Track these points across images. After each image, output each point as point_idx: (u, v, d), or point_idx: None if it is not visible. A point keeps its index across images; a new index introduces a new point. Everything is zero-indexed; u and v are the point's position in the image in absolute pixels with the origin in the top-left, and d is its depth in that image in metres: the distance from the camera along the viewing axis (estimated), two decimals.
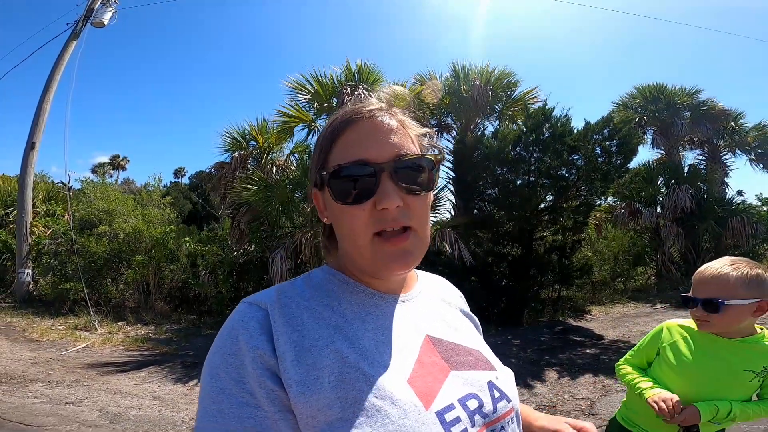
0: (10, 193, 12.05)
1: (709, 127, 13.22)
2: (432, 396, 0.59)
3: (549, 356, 5.95)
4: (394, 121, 0.64)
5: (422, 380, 0.60)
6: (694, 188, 11.44)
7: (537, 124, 7.52)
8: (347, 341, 0.60)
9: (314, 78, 7.75)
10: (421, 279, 0.80)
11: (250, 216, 8.11)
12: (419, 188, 0.63)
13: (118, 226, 9.90)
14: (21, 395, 4.25)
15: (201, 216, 19.22)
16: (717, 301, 1.33)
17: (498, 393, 0.66)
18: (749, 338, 1.40)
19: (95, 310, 8.17)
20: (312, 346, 0.58)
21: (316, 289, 0.66)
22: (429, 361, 0.64)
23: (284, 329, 0.58)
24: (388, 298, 0.69)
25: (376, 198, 0.60)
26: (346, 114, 0.65)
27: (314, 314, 0.62)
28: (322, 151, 0.66)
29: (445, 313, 0.76)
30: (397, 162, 0.61)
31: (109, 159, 49.23)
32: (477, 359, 0.70)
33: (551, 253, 8.17)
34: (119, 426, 3.66)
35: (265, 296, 0.63)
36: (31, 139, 10.37)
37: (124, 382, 4.88)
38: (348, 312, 0.64)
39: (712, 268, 1.38)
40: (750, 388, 1.39)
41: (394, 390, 0.56)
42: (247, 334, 0.57)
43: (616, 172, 7.88)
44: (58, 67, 10.58)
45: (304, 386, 0.54)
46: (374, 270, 0.64)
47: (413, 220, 0.63)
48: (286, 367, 0.55)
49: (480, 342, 0.76)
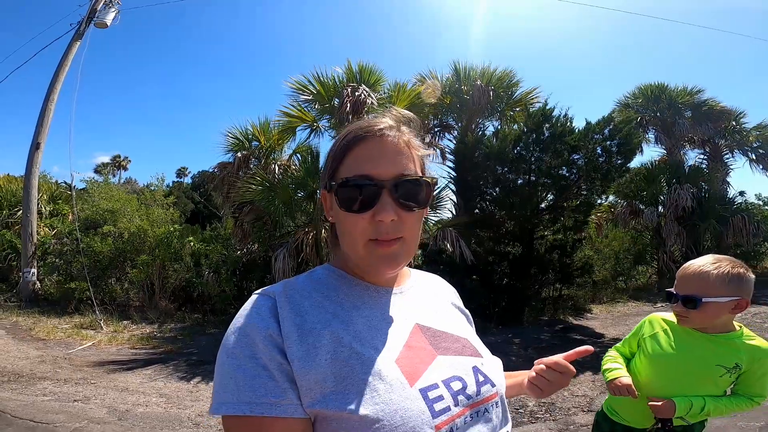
0: (15, 193, 12.14)
1: (711, 126, 13.23)
2: (417, 375, 0.66)
3: (549, 354, 5.96)
4: (402, 142, 0.72)
5: (409, 361, 0.68)
6: (696, 187, 11.46)
7: (537, 123, 7.56)
8: (343, 324, 0.68)
9: (316, 79, 7.79)
10: (414, 276, 0.88)
11: (253, 215, 8.17)
12: (414, 205, 0.71)
13: (122, 225, 10.00)
14: (30, 393, 4.33)
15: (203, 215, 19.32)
16: (695, 297, 1.38)
17: (482, 377, 0.73)
18: (725, 335, 1.44)
19: (100, 309, 8.26)
20: (312, 328, 0.66)
21: (317, 282, 0.75)
22: (417, 346, 0.72)
23: (289, 314, 0.67)
24: (382, 290, 0.77)
25: (375, 210, 0.68)
26: (360, 129, 0.72)
27: (314, 302, 0.71)
28: (334, 160, 0.74)
29: (436, 304, 0.85)
30: (397, 181, 0.69)
31: (111, 159, 49.32)
32: (464, 346, 0.78)
33: (552, 252, 8.21)
34: (127, 423, 3.73)
35: (274, 288, 0.72)
36: (36, 139, 10.45)
37: (131, 379, 4.96)
38: (344, 301, 0.73)
39: (695, 265, 1.42)
40: (720, 384, 1.43)
41: (382, 368, 0.64)
42: (259, 317, 0.66)
43: (617, 172, 7.90)
44: (62, 68, 10.67)
45: (305, 362, 0.62)
46: (367, 268, 0.74)
47: (405, 232, 0.71)
48: (290, 345, 0.64)
49: (470, 332, 0.84)
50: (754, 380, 1.43)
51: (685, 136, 13.84)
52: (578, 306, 8.70)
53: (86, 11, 10.84)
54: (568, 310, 8.59)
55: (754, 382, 1.43)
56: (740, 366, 1.41)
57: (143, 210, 11.30)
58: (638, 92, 14.35)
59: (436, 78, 9.34)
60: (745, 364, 1.40)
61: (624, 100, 14.52)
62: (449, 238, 7.44)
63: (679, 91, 13.78)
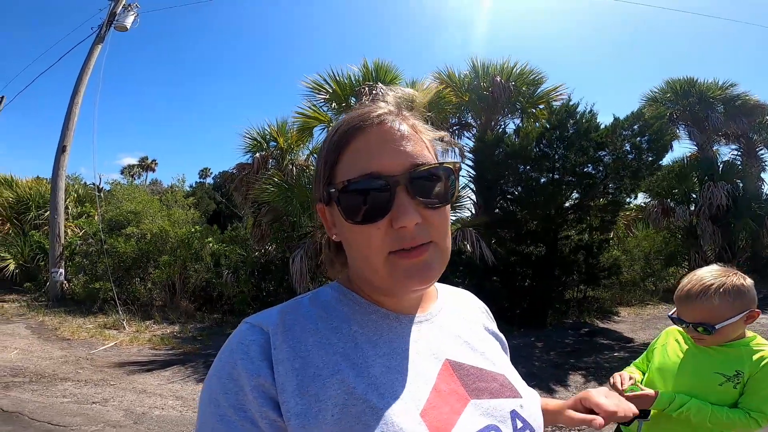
0: (43, 195, 12.50)
1: (744, 121, 12.61)
2: (447, 430, 0.53)
3: (574, 359, 5.78)
4: (406, 126, 0.58)
5: (437, 412, 0.54)
6: (730, 185, 10.93)
7: (561, 120, 7.32)
8: (355, 370, 0.55)
9: (332, 78, 7.74)
10: (441, 295, 0.73)
11: (271, 216, 8.18)
12: (437, 201, 0.57)
13: (145, 226, 10.16)
14: (50, 394, 4.38)
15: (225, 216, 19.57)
16: (708, 326, 1.33)
17: (521, 423, 0.60)
18: (732, 342, 1.38)
19: (123, 309, 8.39)
20: (316, 375, 0.53)
21: (323, 309, 0.61)
22: (447, 390, 0.58)
23: (286, 356, 0.54)
24: (404, 319, 0.63)
25: (392, 215, 0.54)
26: (353, 120, 0.58)
27: (320, 339, 0.57)
28: (327, 163, 0.59)
29: (468, 333, 0.69)
30: (412, 173, 0.55)
31: (138, 161, 50.64)
32: (501, 385, 0.64)
33: (577, 252, 7.95)
34: (142, 426, 3.72)
35: (268, 318, 0.58)
36: (62, 142, 10.71)
37: (149, 381, 4.98)
38: (358, 335, 0.59)
39: (694, 293, 1.36)
40: (722, 393, 1.34)
41: (404, 424, 0.51)
42: (248, 360, 0.53)
43: (648, 170, 7.60)
44: (85, 71, 10.91)
45: (305, 419, 0.50)
46: (389, 288, 0.58)
47: (434, 235, 0.57)
48: (286, 398, 0.51)
49: (506, 365, 0.70)
50: (756, 392, 1.32)
51: (718, 132, 13.25)
52: (605, 308, 8.42)
53: (106, 15, 11.05)
54: (594, 313, 8.32)
55: (756, 393, 1.31)
56: (742, 374, 1.32)
57: (165, 211, 11.48)
58: (666, 86, 13.81)
59: (453, 75, 9.14)
60: (748, 371, 1.32)
61: (651, 95, 13.99)
62: (469, 238, 7.28)
63: (710, 85, 13.20)
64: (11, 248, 11.36)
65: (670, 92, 13.68)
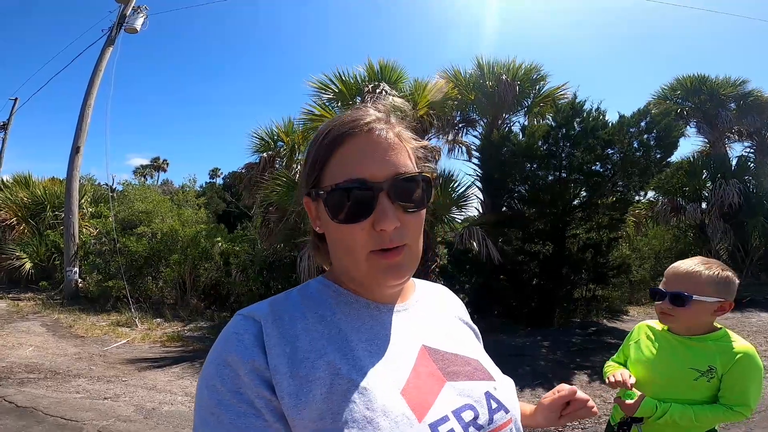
0: (58, 195, 12.76)
1: (757, 118, 12.42)
2: (426, 407, 0.59)
3: (580, 359, 5.76)
4: (392, 134, 0.64)
5: (416, 391, 0.60)
6: (742, 182, 10.75)
7: (567, 118, 7.28)
8: (340, 352, 0.60)
9: (337, 77, 7.78)
10: (419, 288, 0.79)
11: (279, 215, 8.26)
12: (414, 207, 0.63)
13: (156, 226, 10.33)
14: (64, 390, 4.50)
15: (234, 215, 19.75)
16: (685, 294, 1.37)
17: (495, 404, 0.66)
18: (699, 336, 1.41)
19: (136, 306, 8.56)
20: (304, 359, 0.58)
21: (310, 300, 0.67)
22: (425, 372, 0.64)
23: (277, 341, 0.59)
24: (384, 308, 0.69)
25: (374, 218, 0.60)
26: (344, 125, 0.64)
27: (307, 326, 0.62)
28: (317, 162, 0.65)
29: (443, 322, 0.76)
30: (395, 181, 0.61)
31: (150, 161, 51.32)
32: (475, 369, 0.70)
33: (585, 251, 7.89)
34: (152, 421, 3.81)
35: (259, 309, 0.64)
36: (76, 143, 10.93)
37: (159, 377, 5.09)
38: (342, 323, 0.64)
39: (686, 264, 1.42)
40: (699, 389, 1.36)
41: (386, 401, 0.57)
42: (242, 347, 0.58)
43: (656, 167, 7.52)
44: (96, 74, 11.10)
45: (297, 398, 0.55)
46: (369, 282, 0.65)
47: (408, 238, 0.63)
48: (280, 379, 0.56)
49: (479, 351, 0.76)
50: (733, 386, 1.34)
51: (730, 129, 13.06)
52: (613, 307, 8.34)
53: (116, 17, 11.23)
54: (602, 312, 8.24)
55: (733, 388, 1.34)
56: (715, 369, 1.35)
57: (175, 210, 11.65)
58: (676, 84, 13.67)
59: (459, 74, 9.14)
60: (720, 366, 1.35)
61: (661, 92, 13.86)
62: (476, 237, 7.27)
63: (721, 82, 13.02)
64: (27, 248, 11.64)
65: (681, 90, 13.53)
